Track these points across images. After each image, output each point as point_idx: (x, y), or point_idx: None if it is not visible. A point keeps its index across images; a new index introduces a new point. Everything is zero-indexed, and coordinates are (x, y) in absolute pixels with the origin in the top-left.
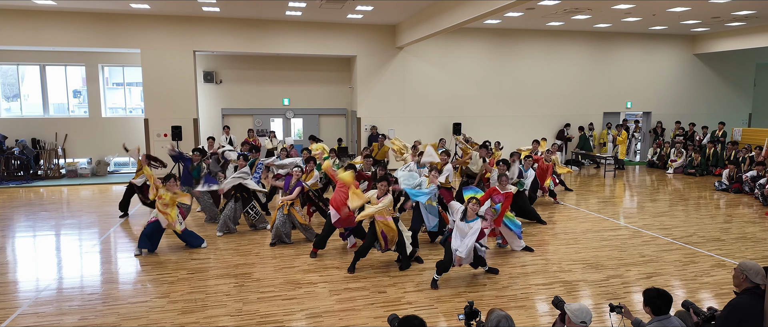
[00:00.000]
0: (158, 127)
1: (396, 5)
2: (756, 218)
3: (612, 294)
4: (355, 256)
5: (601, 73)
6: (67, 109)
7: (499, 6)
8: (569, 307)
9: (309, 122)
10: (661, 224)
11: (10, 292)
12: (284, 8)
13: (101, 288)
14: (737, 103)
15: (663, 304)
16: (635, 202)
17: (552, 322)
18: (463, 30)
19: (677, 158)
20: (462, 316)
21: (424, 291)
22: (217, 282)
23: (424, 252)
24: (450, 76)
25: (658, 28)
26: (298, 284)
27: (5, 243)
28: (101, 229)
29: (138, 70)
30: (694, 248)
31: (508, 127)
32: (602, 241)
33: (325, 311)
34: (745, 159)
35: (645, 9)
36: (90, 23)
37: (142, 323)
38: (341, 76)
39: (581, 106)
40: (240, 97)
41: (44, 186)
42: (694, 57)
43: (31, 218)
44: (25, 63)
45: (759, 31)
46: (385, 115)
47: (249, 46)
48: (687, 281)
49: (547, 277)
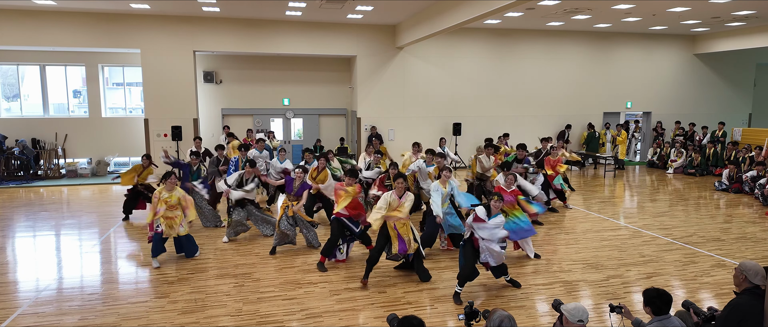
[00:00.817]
0: (158, 127)
1: (396, 5)
2: (756, 218)
3: (612, 294)
4: (368, 264)
5: (601, 73)
6: (67, 109)
7: (499, 6)
8: (566, 307)
9: (309, 122)
10: (661, 224)
11: (10, 292)
12: (284, 8)
13: (101, 288)
14: (737, 103)
15: (663, 304)
16: (635, 202)
17: (552, 323)
18: (463, 30)
19: (677, 158)
20: (462, 316)
21: (424, 291)
22: (217, 282)
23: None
24: (450, 76)
25: (658, 28)
26: (298, 284)
27: (5, 243)
28: (101, 229)
29: (138, 70)
30: (694, 248)
31: (508, 127)
32: (602, 241)
33: (325, 311)
34: (745, 159)
35: (645, 9)
36: (90, 23)
37: (142, 323)
38: (341, 76)
39: (581, 106)
40: (240, 97)
41: (44, 186)
42: (694, 57)
43: (31, 218)
44: (25, 63)
45: (759, 31)
46: (385, 115)
47: (249, 46)
48: (687, 281)
49: (547, 277)
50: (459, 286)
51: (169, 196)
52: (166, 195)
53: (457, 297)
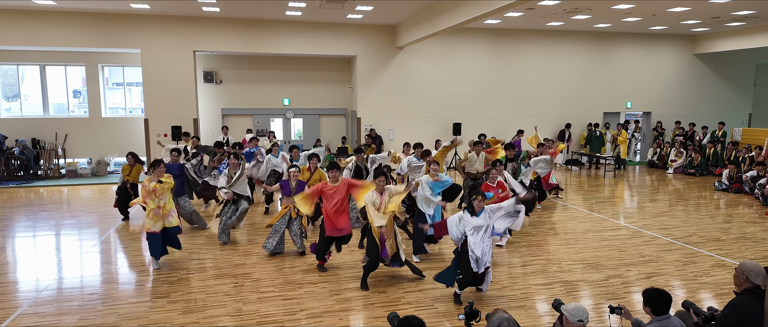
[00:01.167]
0: (158, 127)
1: (396, 5)
2: (756, 218)
3: (612, 294)
4: (365, 271)
5: (601, 73)
6: (67, 109)
7: (499, 6)
8: (566, 307)
9: (309, 122)
10: (661, 224)
11: (10, 292)
12: (284, 8)
13: (101, 288)
14: (737, 103)
15: (663, 304)
16: (635, 202)
17: (552, 324)
18: (463, 30)
19: (677, 158)
20: (462, 316)
21: (424, 291)
22: (217, 282)
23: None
24: (450, 76)
25: (658, 28)
26: (298, 284)
27: (5, 243)
28: (101, 229)
29: (138, 70)
30: (694, 248)
31: (508, 127)
32: (602, 241)
33: (325, 311)
34: (745, 159)
35: (645, 9)
36: (90, 23)
37: (142, 323)
38: (341, 76)
39: (581, 106)
40: (240, 97)
41: (44, 186)
42: (694, 57)
43: (31, 218)
44: (25, 63)
45: (759, 31)
46: (385, 115)
47: (249, 46)
48: (687, 281)
49: (547, 277)
50: (458, 289)
51: (156, 183)
52: (154, 183)
53: (457, 298)
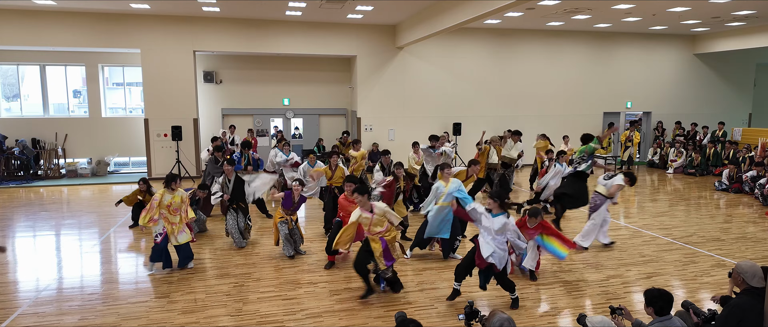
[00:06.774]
0: (158, 127)
1: (396, 5)
2: (756, 218)
3: (612, 294)
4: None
5: (601, 73)
6: (67, 109)
7: (499, 6)
8: (591, 319)
9: (309, 122)
10: (661, 224)
11: (10, 292)
12: (284, 8)
13: (101, 288)
14: (737, 103)
15: (665, 304)
16: (635, 202)
17: (551, 324)
18: (463, 30)
19: (677, 158)
20: (462, 316)
21: (425, 291)
22: (217, 282)
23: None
24: (450, 76)
25: (658, 28)
26: (298, 284)
27: (5, 243)
28: (101, 229)
29: (138, 70)
30: (694, 248)
31: (508, 127)
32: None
33: (325, 311)
34: (745, 159)
35: (645, 9)
36: (90, 23)
37: (142, 323)
38: (341, 76)
39: (581, 106)
40: (240, 97)
41: (44, 186)
42: (694, 57)
43: (31, 218)
44: (25, 63)
45: (759, 31)
46: (385, 115)
47: (249, 46)
48: (687, 281)
49: (547, 277)
50: (456, 282)
51: (171, 198)
52: (169, 198)
53: (453, 294)
